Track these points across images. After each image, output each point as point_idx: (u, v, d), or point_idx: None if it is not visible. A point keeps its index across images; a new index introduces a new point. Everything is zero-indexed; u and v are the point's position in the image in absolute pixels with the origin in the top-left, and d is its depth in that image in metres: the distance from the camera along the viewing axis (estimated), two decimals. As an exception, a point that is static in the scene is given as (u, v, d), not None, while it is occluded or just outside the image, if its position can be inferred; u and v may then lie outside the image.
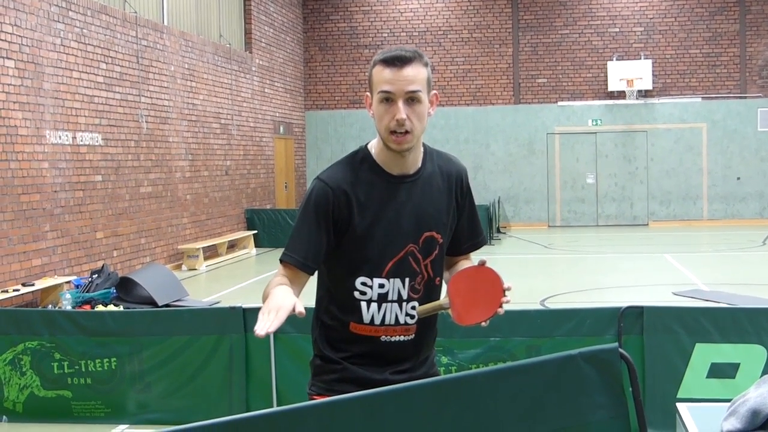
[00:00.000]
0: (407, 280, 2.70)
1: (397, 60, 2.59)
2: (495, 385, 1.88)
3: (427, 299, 2.73)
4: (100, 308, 9.65)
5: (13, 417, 6.22)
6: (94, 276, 10.88)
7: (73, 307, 9.86)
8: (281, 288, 2.52)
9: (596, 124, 22.39)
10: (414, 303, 2.72)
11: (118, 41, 13.21)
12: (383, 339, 2.71)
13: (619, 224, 22.32)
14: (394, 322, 2.71)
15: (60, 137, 11.51)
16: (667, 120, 22.16)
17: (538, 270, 14.39)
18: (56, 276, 11.19)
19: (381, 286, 2.69)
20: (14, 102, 10.55)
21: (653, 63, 22.08)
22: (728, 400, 2.68)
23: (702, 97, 22.11)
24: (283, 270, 2.67)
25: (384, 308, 2.70)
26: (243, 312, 5.95)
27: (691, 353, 5.46)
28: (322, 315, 2.79)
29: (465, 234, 2.87)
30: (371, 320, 2.70)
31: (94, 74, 12.44)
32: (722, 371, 5.42)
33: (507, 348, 5.62)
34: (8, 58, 10.44)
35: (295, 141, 22.52)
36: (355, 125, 22.90)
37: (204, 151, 16.54)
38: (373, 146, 2.74)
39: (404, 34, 22.73)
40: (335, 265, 2.73)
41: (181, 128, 15.47)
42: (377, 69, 2.63)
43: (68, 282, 11.03)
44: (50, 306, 10.42)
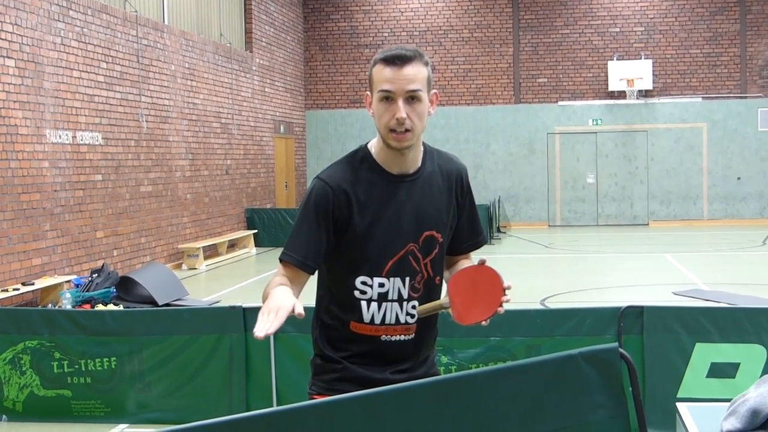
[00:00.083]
0: (407, 280, 2.70)
1: (398, 59, 2.59)
2: (495, 385, 1.88)
3: (427, 298, 2.73)
4: (100, 307, 9.64)
5: (13, 416, 6.22)
6: (94, 275, 10.88)
7: (73, 307, 9.85)
8: (281, 288, 2.51)
9: (596, 124, 22.39)
10: (414, 302, 2.71)
11: (119, 40, 13.20)
12: (383, 338, 2.71)
13: (620, 224, 22.32)
14: (395, 322, 2.71)
15: (60, 136, 11.51)
16: (668, 120, 22.15)
17: (538, 269, 14.38)
18: (56, 275, 11.19)
19: (381, 286, 2.68)
20: (14, 101, 10.54)
21: (654, 63, 22.07)
22: (728, 400, 2.68)
23: (702, 97, 22.10)
24: (283, 270, 2.66)
25: (384, 307, 2.70)
26: (243, 311, 5.95)
27: (691, 353, 5.46)
28: (323, 314, 2.79)
29: (465, 233, 2.87)
30: (371, 319, 2.70)
31: (95, 73, 12.44)
32: (722, 371, 5.42)
33: (507, 348, 5.61)
34: (8, 57, 10.44)
35: (296, 140, 22.52)
36: (356, 125, 22.89)
37: (204, 151, 16.53)
38: (373, 145, 2.74)
39: (405, 34, 22.73)
40: (335, 265, 2.72)
41: (182, 127, 15.47)
42: (377, 68, 2.63)
43: (68, 281, 11.02)
44: (50, 305, 10.41)
